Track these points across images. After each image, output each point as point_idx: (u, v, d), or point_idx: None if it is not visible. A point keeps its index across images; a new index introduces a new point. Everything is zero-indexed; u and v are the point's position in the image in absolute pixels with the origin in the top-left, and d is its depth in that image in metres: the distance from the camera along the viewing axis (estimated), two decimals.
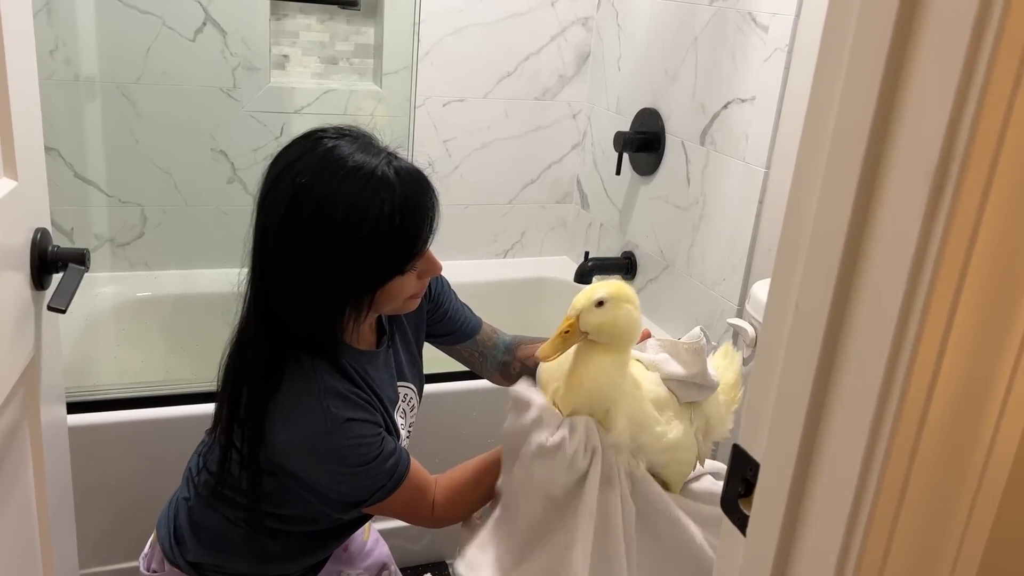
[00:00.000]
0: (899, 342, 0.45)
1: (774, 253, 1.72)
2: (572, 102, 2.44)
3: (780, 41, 1.67)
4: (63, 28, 1.93)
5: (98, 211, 2.10)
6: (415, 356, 1.30)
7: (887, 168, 0.45)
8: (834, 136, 0.48)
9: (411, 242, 1.04)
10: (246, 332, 1.08)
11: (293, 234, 1.00)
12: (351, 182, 0.98)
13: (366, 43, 2.25)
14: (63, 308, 0.82)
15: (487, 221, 2.49)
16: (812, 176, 0.50)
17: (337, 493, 1.09)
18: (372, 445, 1.08)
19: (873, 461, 0.48)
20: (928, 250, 0.43)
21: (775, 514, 0.54)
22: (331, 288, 1.03)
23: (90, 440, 1.55)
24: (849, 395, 0.49)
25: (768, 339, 0.55)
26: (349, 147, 1.02)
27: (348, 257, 1.00)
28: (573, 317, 1.06)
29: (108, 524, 1.64)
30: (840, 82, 0.47)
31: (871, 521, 0.49)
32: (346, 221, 0.98)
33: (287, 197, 1.00)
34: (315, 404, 1.05)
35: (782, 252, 0.53)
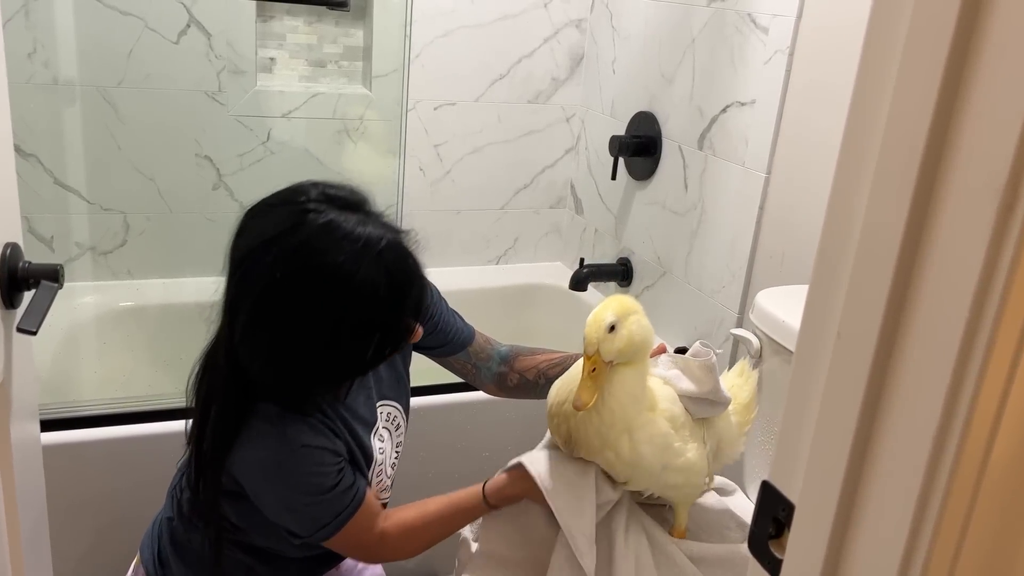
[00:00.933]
0: (960, 378, 0.41)
1: (775, 261, 1.68)
2: (566, 105, 2.40)
3: (781, 43, 1.63)
4: (41, 30, 1.87)
5: (79, 219, 2.04)
6: (400, 373, 1.25)
7: (947, 182, 0.40)
8: (884, 144, 0.43)
9: (397, 342, 1.02)
10: (215, 360, 1.04)
11: (269, 330, 0.96)
12: (335, 286, 0.93)
13: (355, 45, 2.19)
14: (34, 330, 0.77)
15: (479, 227, 2.44)
16: (856, 189, 0.45)
17: (285, 520, 1.06)
18: (328, 475, 1.04)
19: (928, 509, 0.43)
20: (995, 276, 0.39)
21: (814, 562, 0.49)
22: (305, 374, 1.00)
23: (69, 459, 1.49)
24: (901, 434, 0.44)
25: (803, 369, 0.50)
26: (333, 233, 0.93)
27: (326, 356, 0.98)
28: (594, 352, 1.02)
29: (88, 546, 1.58)
30: (891, 80, 0.42)
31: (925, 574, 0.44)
32: (337, 329, 0.95)
33: (261, 288, 0.94)
34: (271, 427, 1.01)
35: (819, 273, 0.48)
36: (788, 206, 1.66)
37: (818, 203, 1.59)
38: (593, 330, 1.03)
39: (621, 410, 1.06)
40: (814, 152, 1.58)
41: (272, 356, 0.98)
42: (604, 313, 1.04)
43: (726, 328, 1.82)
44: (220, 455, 1.02)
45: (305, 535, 1.06)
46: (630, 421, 1.06)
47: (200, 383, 1.06)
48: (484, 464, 1.82)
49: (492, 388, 1.37)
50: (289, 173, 1.06)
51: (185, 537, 1.14)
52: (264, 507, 1.05)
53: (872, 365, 0.45)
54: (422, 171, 2.31)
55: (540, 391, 1.35)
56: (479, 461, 1.81)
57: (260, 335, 0.96)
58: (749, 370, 1.27)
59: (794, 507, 0.51)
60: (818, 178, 1.58)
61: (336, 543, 1.09)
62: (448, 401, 1.75)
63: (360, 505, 1.07)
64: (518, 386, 1.35)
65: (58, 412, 1.50)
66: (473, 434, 1.79)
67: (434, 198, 2.36)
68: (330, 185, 1.00)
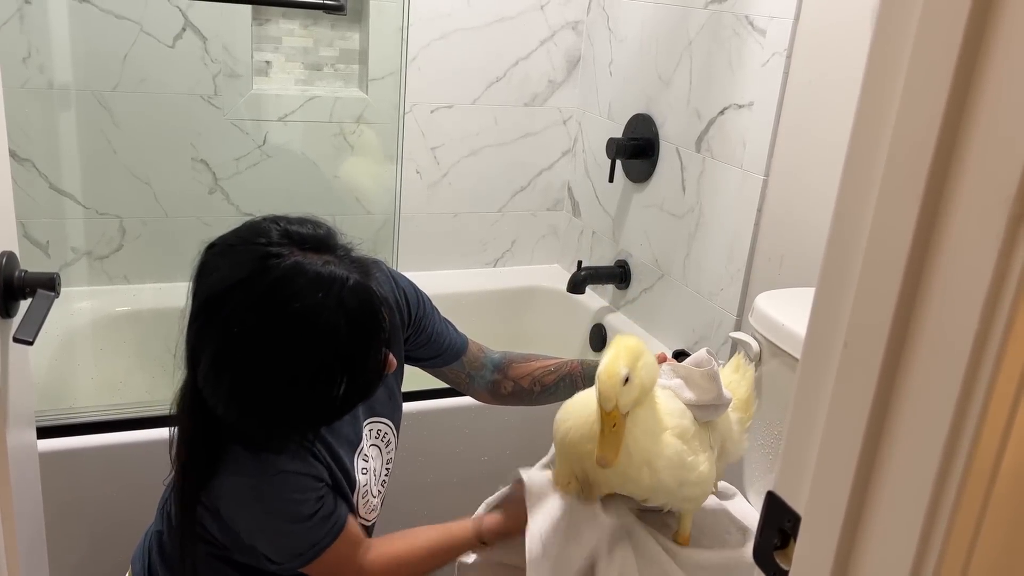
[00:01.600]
0: (969, 388, 0.40)
1: (774, 263, 1.68)
2: (563, 108, 2.39)
3: (778, 45, 1.62)
4: (36, 34, 1.86)
5: (74, 223, 2.03)
6: (391, 388, 1.23)
7: (955, 192, 0.40)
8: (891, 154, 0.42)
9: (369, 380, 0.99)
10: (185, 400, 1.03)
11: (230, 377, 0.93)
12: (297, 333, 0.90)
13: (351, 48, 2.19)
14: (30, 340, 0.76)
15: (477, 229, 2.44)
16: (863, 198, 0.45)
17: (259, 547, 1.04)
18: (306, 502, 1.02)
19: (937, 521, 0.42)
20: (1005, 287, 0.38)
21: (820, 574, 0.48)
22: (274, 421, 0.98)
23: (66, 466, 1.48)
24: (909, 445, 0.43)
25: (809, 378, 0.49)
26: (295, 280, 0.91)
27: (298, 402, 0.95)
28: (612, 408, 1.01)
29: (85, 554, 1.57)
30: (899, 91, 0.42)
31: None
32: (300, 375, 0.92)
33: (221, 336, 0.91)
34: (248, 453, 1.00)
35: (825, 283, 0.48)
36: (786, 208, 1.65)
37: (817, 205, 1.58)
38: (609, 386, 1.01)
39: (640, 451, 1.05)
40: (812, 154, 1.58)
41: (235, 401, 0.95)
42: (617, 367, 1.01)
43: (725, 330, 1.82)
44: (199, 483, 1.01)
45: (280, 562, 1.05)
46: (649, 454, 1.05)
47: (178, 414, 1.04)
48: (483, 468, 1.82)
49: (485, 396, 1.36)
50: (285, 177, 1.06)
51: (174, 550, 1.13)
52: (240, 532, 1.03)
53: (880, 375, 0.44)
54: (419, 174, 2.31)
55: (535, 398, 1.34)
56: (478, 465, 1.81)
57: (222, 381, 0.94)
58: (745, 365, 1.26)
59: (800, 518, 0.51)
60: (817, 180, 1.58)
61: (312, 572, 1.07)
62: (445, 406, 1.75)
63: (339, 534, 1.05)
64: (512, 394, 1.34)
65: (54, 419, 1.49)
66: (471, 439, 1.79)
67: (431, 201, 2.35)
68: (291, 221, 0.96)
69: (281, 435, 1.01)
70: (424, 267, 2.40)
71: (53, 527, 1.24)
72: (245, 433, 1.00)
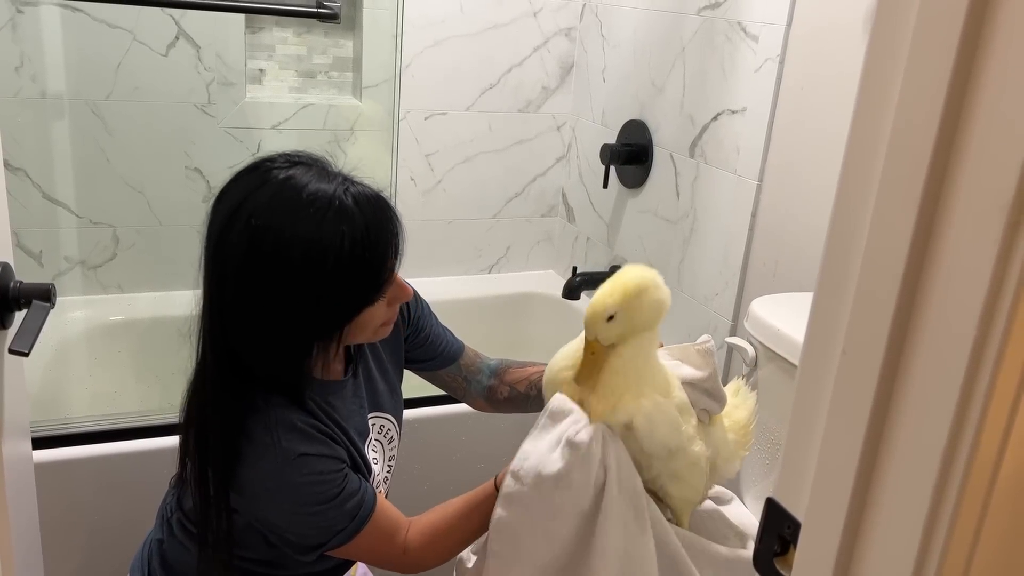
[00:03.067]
0: (968, 394, 0.40)
1: (769, 268, 1.68)
2: (556, 114, 2.40)
3: (771, 51, 1.63)
4: (29, 43, 1.86)
5: (68, 233, 2.02)
6: (394, 385, 1.24)
7: (952, 199, 0.40)
8: (888, 162, 0.43)
9: (377, 271, 0.98)
10: (204, 370, 1.02)
11: (253, 277, 0.94)
12: (308, 216, 0.93)
13: (345, 56, 2.19)
14: (26, 351, 0.76)
15: (471, 236, 2.44)
16: (859, 205, 0.45)
17: (294, 534, 1.03)
18: (331, 483, 1.02)
19: (937, 526, 0.42)
20: (1002, 293, 0.38)
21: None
22: (297, 328, 0.97)
23: (60, 477, 1.47)
24: (909, 451, 0.43)
25: (808, 386, 0.50)
26: (302, 177, 0.95)
27: (313, 295, 0.95)
28: (592, 339, 1.01)
29: (81, 564, 1.56)
30: (895, 99, 0.42)
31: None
32: (307, 258, 0.92)
33: (242, 241, 0.94)
34: (266, 439, 0.99)
35: (823, 290, 0.48)
36: (781, 213, 1.66)
37: (811, 210, 1.59)
38: (592, 321, 1.01)
39: (620, 386, 1.04)
40: (806, 159, 1.59)
41: (266, 313, 0.95)
42: (605, 304, 1.01)
43: (720, 335, 1.82)
44: (230, 467, 1.00)
45: (320, 543, 1.03)
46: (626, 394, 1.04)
47: (191, 398, 1.04)
48: (479, 475, 1.81)
49: (481, 403, 1.36)
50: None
51: (176, 559, 1.12)
52: (271, 526, 1.03)
53: (878, 382, 0.44)
54: (413, 181, 2.31)
55: (531, 403, 1.33)
56: (474, 472, 1.80)
57: (251, 294, 0.95)
58: (747, 391, 1.26)
59: (800, 525, 0.51)
60: (811, 185, 1.59)
61: (356, 551, 1.06)
62: (442, 413, 1.75)
63: (373, 508, 1.05)
64: (508, 399, 1.34)
65: (49, 430, 1.49)
66: (467, 445, 1.79)
67: (426, 208, 2.35)
68: (292, 152, 1.02)
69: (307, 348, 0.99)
70: (419, 274, 2.40)
71: (48, 538, 1.24)
72: (272, 362, 0.99)
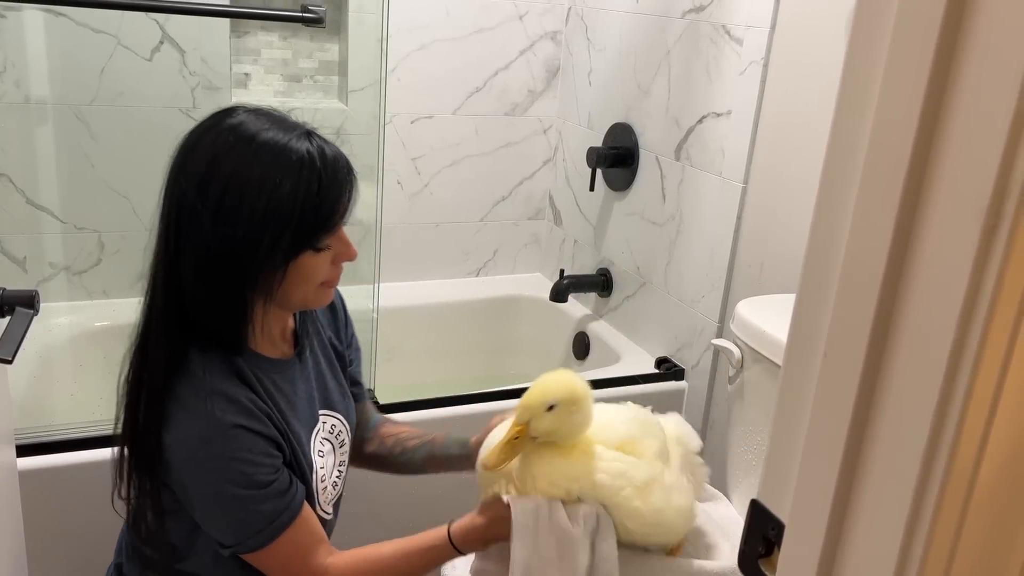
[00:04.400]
0: (947, 395, 0.41)
1: (754, 270, 1.69)
2: (543, 117, 2.40)
3: (755, 54, 1.64)
4: (12, 49, 1.85)
5: (52, 238, 2.01)
6: (345, 389, 1.22)
7: (930, 204, 0.41)
8: (867, 165, 0.43)
9: (324, 217, 0.98)
10: (149, 320, 1.02)
11: (200, 214, 0.94)
12: (265, 152, 0.94)
13: (330, 60, 2.19)
14: (9, 359, 0.75)
15: (459, 239, 2.44)
16: (839, 209, 0.45)
17: (212, 524, 1.00)
18: (263, 468, 0.98)
19: (919, 525, 0.43)
20: (980, 295, 0.39)
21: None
22: (239, 266, 0.95)
23: (45, 484, 1.46)
24: (889, 452, 0.44)
25: (790, 388, 0.50)
26: (257, 123, 0.97)
27: (261, 223, 0.94)
28: (523, 423, 1.02)
29: (64, 573, 1.55)
30: (873, 103, 0.42)
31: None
32: (261, 186, 0.93)
33: (192, 180, 0.95)
34: (199, 406, 0.96)
35: (804, 293, 0.49)
36: (766, 216, 1.67)
37: (796, 212, 1.60)
38: (533, 401, 1.02)
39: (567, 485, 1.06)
40: (791, 162, 1.60)
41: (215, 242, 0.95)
42: (549, 392, 1.03)
43: (706, 337, 1.83)
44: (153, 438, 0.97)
45: (236, 542, 0.99)
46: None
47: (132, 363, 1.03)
48: (472, 480, 1.81)
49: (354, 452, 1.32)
50: None
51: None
52: (195, 503, 0.99)
53: (859, 384, 0.45)
54: (400, 184, 2.31)
55: (391, 459, 1.31)
56: (461, 477, 1.80)
57: (202, 223, 0.95)
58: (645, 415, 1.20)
59: (784, 526, 0.51)
60: (795, 187, 1.60)
61: (269, 562, 1.02)
62: (436, 416, 1.74)
63: (298, 513, 1.01)
64: (372, 454, 1.31)
65: (34, 437, 1.47)
66: None
67: (413, 211, 2.35)
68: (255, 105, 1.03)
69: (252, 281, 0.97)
70: (406, 277, 2.40)
71: (33, 545, 1.23)
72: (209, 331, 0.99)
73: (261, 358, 1.05)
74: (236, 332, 0.99)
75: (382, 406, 1.69)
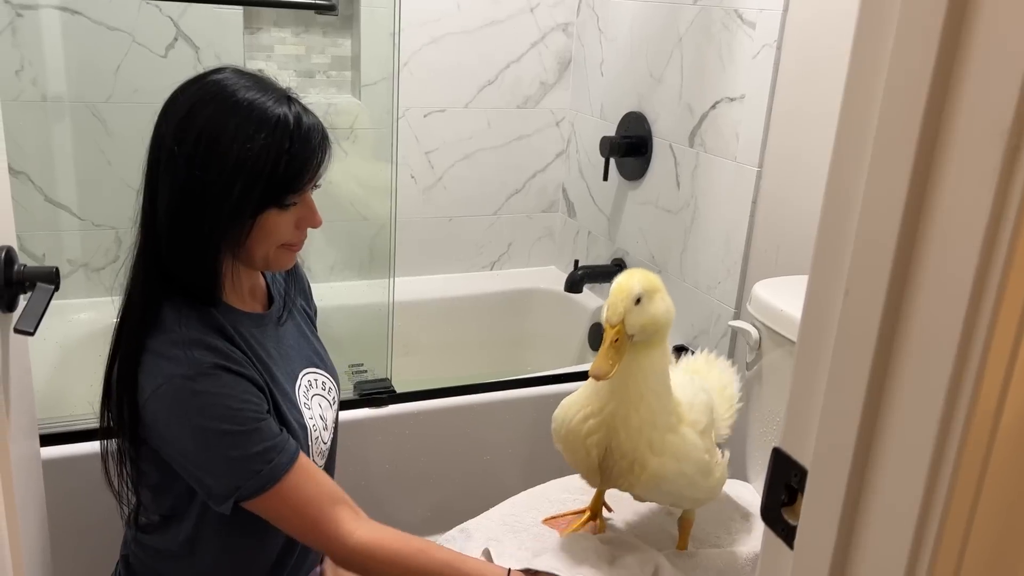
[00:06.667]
0: (971, 325, 0.40)
1: (770, 254, 1.68)
2: (555, 109, 2.40)
3: (768, 37, 1.63)
4: (29, 47, 1.87)
5: (70, 235, 2.03)
6: (325, 353, 1.21)
7: (951, 127, 0.40)
8: (887, 89, 0.43)
9: (296, 171, 0.98)
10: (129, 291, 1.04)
11: (181, 151, 0.96)
12: (243, 106, 0.96)
13: (343, 55, 2.20)
14: (31, 331, 0.76)
15: (472, 233, 2.44)
16: (859, 138, 0.45)
17: (206, 468, 0.97)
18: (248, 406, 0.97)
19: (943, 463, 0.42)
20: (1004, 216, 0.39)
21: (828, 524, 0.48)
22: (211, 205, 0.96)
23: (65, 473, 1.47)
24: (912, 389, 0.44)
25: (810, 330, 0.50)
26: (238, 81, 0.99)
27: (232, 172, 0.95)
28: (618, 322, 1.00)
29: (85, 562, 1.56)
30: (894, 18, 0.42)
31: (941, 532, 0.43)
32: (235, 136, 0.95)
33: (177, 119, 0.97)
34: (177, 353, 0.96)
35: (824, 231, 0.48)
36: (781, 198, 1.66)
37: (811, 193, 1.59)
38: (620, 299, 1.00)
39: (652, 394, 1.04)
40: (805, 143, 1.59)
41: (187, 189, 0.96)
42: (631, 283, 1.01)
43: (723, 324, 1.82)
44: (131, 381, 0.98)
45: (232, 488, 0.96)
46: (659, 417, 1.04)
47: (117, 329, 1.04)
48: (485, 467, 1.81)
49: None
50: None
51: (143, 572, 1.12)
52: (185, 459, 0.98)
53: (881, 319, 0.44)
54: (414, 178, 2.31)
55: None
56: (480, 464, 1.81)
57: (177, 171, 0.97)
58: (722, 363, 1.28)
59: (807, 471, 0.51)
60: (811, 169, 1.59)
61: (278, 510, 0.98)
62: (448, 405, 1.75)
63: (295, 459, 0.99)
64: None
65: (53, 427, 1.49)
66: (473, 438, 1.79)
67: (426, 205, 2.36)
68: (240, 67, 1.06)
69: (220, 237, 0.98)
70: (421, 272, 2.40)
71: (54, 533, 1.24)
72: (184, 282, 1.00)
73: (237, 312, 1.06)
74: (208, 282, 1.00)
75: (399, 395, 1.70)
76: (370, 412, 1.66)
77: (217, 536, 1.06)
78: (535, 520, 1.26)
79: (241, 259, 1.03)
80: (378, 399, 1.66)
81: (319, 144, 1.00)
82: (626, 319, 1.00)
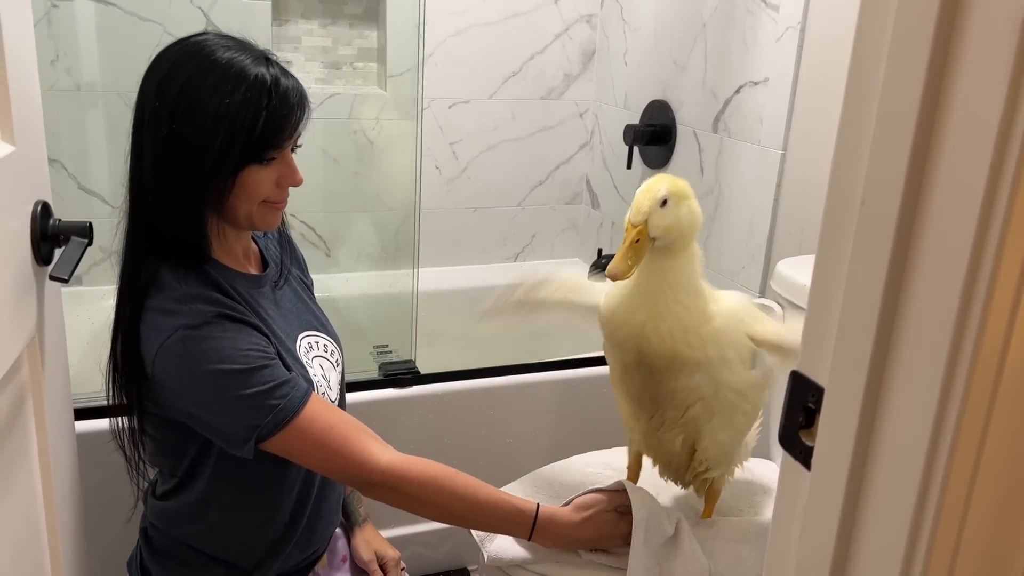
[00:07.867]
0: (984, 227, 0.41)
1: (795, 237, 1.68)
2: (579, 101, 2.41)
3: (792, 19, 1.63)
4: (64, 38, 1.91)
5: (102, 223, 2.06)
6: (326, 319, 1.22)
7: (966, 17, 0.41)
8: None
9: (276, 127, 1.00)
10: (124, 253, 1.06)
11: (162, 106, 0.98)
12: (222, 64, 0.98)
13: (369, 47, 2.23)
14: (66, 278, 0.78)
15: (496, 224, 2.46)
16: (878, 32, 0.46)
17: (222, 413, 0.97)
18: (254, 348, 0.98)
19: (956, 375, 0.43)
20: (1018, 108, 0.39)
21: (844, 442, 0.49)
22: (193, 160, 0.98)
23: (98, 445, 1.50)
24: (927, 298, 0.44)
25: (827, 247, 0.50)
26: (227, 42, 1.02)
27: (212, 126, 0.97)
28: (641, 222, 0.97)
29: (118, 534, 1.58)
30: None
31: (955, 443, 0.44)
32: (214, 92, 0.96)
33: (159, 76, 1.00)
34: (179, 307, 0.98)
35: (842, 140, 0.49)
36: (805, 181, 1.66)
37: None
38: (645, 198, 0.97)
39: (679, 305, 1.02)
40: (830, 124, 1.59)
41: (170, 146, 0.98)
42: (659, 184, 0.98)
43: None
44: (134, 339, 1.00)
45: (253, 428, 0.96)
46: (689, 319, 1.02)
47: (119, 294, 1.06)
48: (508, 450, 1.82)
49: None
50: (306, 174, 1.08)
51: (161, 541, 1.14)
52: (198, 409, 0.98)
53: (897, 229, 0.45)
54: (438, 169, 2.33)
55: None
56: (503, 447, 1.81)
57: (160, 128, 0.98)
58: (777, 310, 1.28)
59: (823, 390, 0.51)
60: None
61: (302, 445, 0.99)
62: (471, 387, 1.76)
63: (310, 393, 1.00)
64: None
65: (86, 401, 1.52)
66: (496, 421, 1.79)
67: (451, 196, 2.38)
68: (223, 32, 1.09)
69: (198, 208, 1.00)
70: (445, 262, 2.42)
71: (88, 504, 1.26)
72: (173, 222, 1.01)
73: (232, 271, 1.07)
74: (196, 238, 1.02)
75: (423, 376, 1.71)
76: (395, 392, 1.67)
77: (232, 492, 1.08)
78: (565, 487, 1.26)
79: (226, 218, 1.04)
80: (402, 379, 1.68)
81: (297, 103, 1.02)
82: (649, 220, 0.97)
